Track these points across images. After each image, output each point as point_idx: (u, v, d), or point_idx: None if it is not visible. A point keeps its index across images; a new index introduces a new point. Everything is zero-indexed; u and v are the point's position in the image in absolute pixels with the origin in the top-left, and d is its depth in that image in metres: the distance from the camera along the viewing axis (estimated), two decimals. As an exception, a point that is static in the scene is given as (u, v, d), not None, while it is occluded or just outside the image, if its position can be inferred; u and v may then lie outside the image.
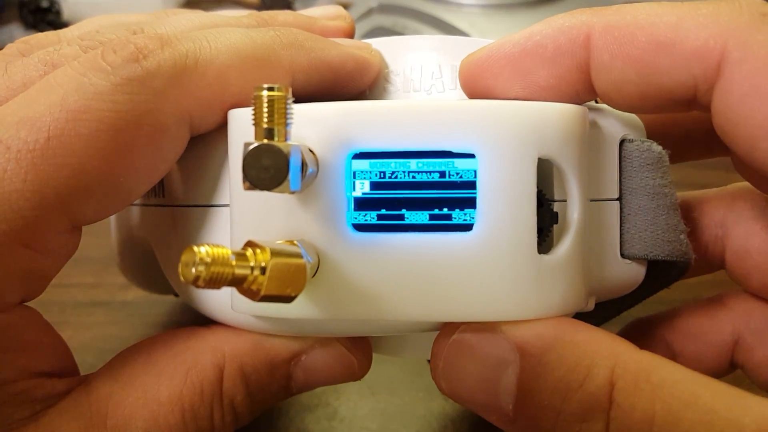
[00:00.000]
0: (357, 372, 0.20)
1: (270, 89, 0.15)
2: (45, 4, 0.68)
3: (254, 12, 0.23)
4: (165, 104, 0.17)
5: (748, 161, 0.17)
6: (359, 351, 0.20)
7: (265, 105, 0.15)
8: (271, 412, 0.30)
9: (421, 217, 0.17)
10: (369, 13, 0.46)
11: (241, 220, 0.18)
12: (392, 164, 0.17)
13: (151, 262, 0.23)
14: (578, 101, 0.18)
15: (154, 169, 0.18)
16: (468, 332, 0.17)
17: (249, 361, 0.19)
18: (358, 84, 0.21)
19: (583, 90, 0.18)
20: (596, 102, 0.19)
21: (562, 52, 0.18)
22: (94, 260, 0.37)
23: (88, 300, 0.38)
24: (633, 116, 0.19)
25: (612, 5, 0.18)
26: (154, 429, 0.18)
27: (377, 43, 0.22)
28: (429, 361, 0.27)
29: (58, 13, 0.70)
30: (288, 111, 0.15)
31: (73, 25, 0.24)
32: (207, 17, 0.22)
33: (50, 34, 0.23)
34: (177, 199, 0.20)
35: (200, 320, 0.21)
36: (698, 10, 0.17)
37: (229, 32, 0.19)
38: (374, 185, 0.17)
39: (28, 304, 0.18)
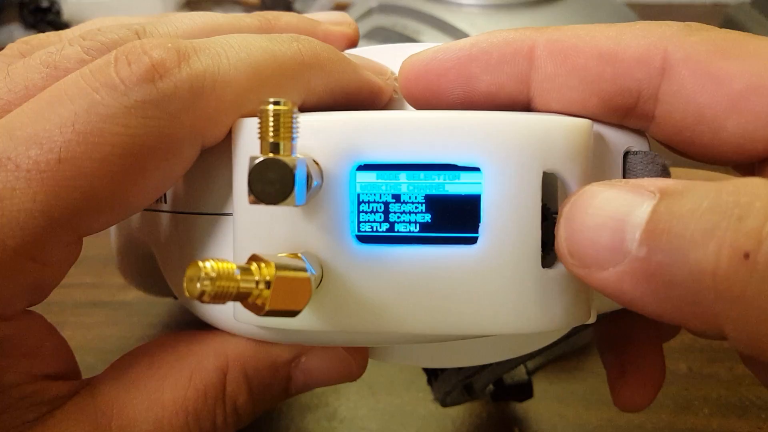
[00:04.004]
0: (354, 372, 0.20)
1: (276, 103, 0.15)
2: (45, 4, 0.68)
3: (258, 13, 0.23)
4: (180, 129, 0.17)
5: (715, 149, 0.18)
6: (356, 351, 0.20)
7: (271, 119, 0.14)
8: (271, 413, 0.30)
9: None
10: (369, 13, 0.46)
11: (245, 232, 0.18)
12: None
13: (151, 264, 0.23)
14: (510, 110, 0.19)
15: (163, 185, 0.18)
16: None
17: (252, 364, 0.19)
18: (366, 108, 0.21)
19: (519, 101, 0.19)
20: None
21: (507, 61, 0.18)
22: (94, 260, 0.37)
23: (88, 300, 0.38)
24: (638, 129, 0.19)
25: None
26: None
27: (382, 50, 0.22)
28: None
29: (58, 13, 0.69)
30: (294, 125, 0.15)
31: (75, 26, 0.24)
32: (210, 17, 0.22)
33: (51, 35, 0.22)
34: (180, 206, 0.20)
35: (201, 321, 0.21)
36: (633, 26, 0.18)
37: (249, 46, 0.18)
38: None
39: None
